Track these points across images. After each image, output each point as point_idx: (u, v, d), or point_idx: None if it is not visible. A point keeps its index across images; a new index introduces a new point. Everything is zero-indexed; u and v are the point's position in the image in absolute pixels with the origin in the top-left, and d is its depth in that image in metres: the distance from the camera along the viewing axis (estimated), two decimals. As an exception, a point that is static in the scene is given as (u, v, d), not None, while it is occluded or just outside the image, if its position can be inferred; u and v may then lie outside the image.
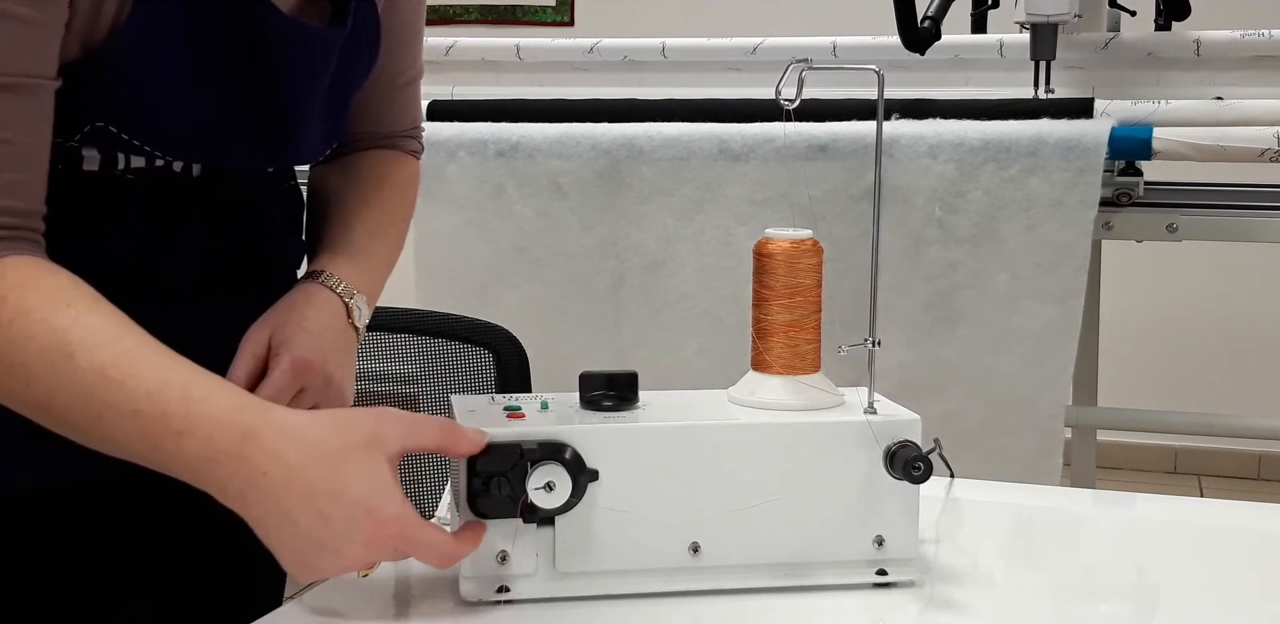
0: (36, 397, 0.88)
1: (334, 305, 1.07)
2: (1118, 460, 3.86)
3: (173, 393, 0.87)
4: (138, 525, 1.08)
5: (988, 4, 2.57)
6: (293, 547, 0.86)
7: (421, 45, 1.22)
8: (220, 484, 0.86)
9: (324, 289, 1.08)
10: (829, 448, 0.99)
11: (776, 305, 1.01)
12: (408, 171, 1.24)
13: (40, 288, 0.89)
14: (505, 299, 2.34)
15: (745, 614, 0.97)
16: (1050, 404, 2.16)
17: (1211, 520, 1.23)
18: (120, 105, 0.95)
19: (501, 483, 0.92)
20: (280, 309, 1.06)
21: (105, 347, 0.87)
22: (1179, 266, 3.71)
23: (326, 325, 1.06)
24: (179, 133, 0.99)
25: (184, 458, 0.86)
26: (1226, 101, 2.20)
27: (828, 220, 2.16)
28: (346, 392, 1.07)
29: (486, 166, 2.32)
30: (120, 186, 1.00)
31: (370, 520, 0.85)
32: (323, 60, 1.06)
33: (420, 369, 1.58)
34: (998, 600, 1.01)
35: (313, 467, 0.85)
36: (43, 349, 0.86)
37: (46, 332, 0.87)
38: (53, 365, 0.86)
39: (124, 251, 1.01)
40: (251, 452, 0.85)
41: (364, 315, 1.10)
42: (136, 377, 0.87)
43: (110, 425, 0.87)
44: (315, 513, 0.85)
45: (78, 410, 0.87)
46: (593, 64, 2.68)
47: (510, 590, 0.95)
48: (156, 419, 0.86)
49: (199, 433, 0.86)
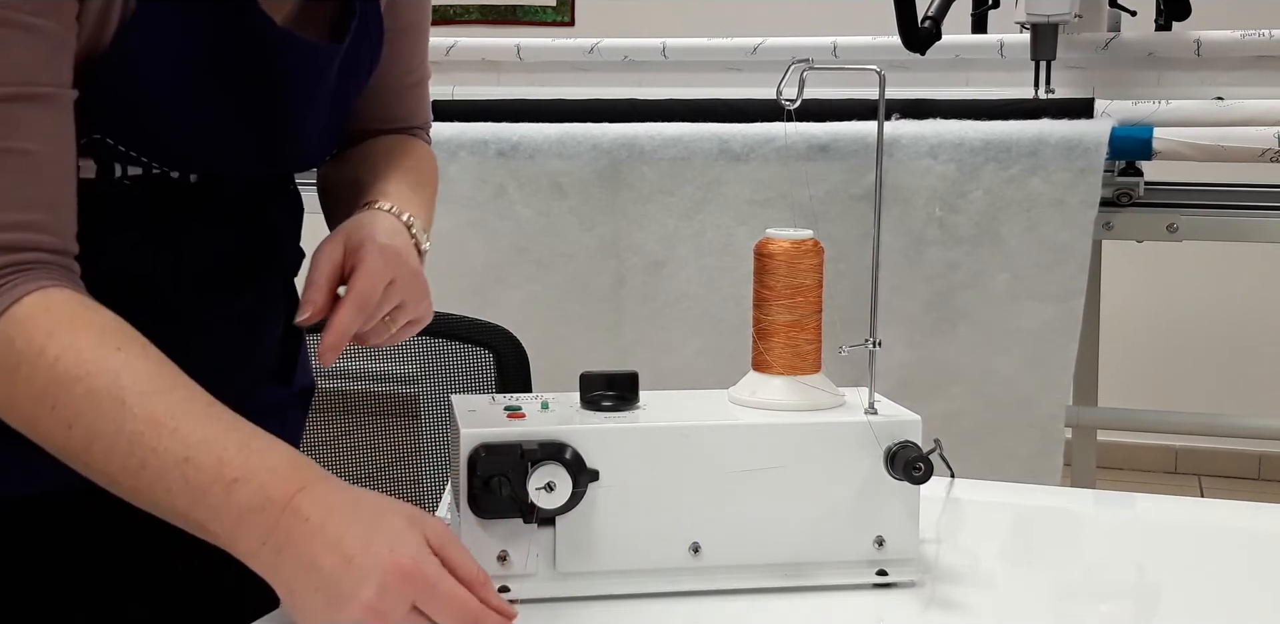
0: (78, 439, 0.85)
1: (396, 224, 1.05)
2: (1118, 460, 3.86)
3: (231, 442, 0.84)
4: (136, 527, 1.08)
5: (988, 4, 2.57)
6: (313, 600, 0.82)
7: (427, 45, 1.22)
8: (261, 536, 0.83)
9: (383, 212, 1.05)
10: (829, 448, 0.99)
11: (777, 306, 1.01)
12: (424, 149, 1.23)
13: (90, 328, 0.86)
14: (505, 299, 2.34)
15: (745, 614, 0.97)
16: (1050, 404, 2.16)
17: (1211, 520, 1.23)
18: (117, 117, 0.94)
19: (502, 483, 0.92)
20: (344, 227, 1.03)
21: (159, 394, 0.85)
22: (1179, 266, 3.71)
23: (395, 233, 1.03)
24: (177, 144, 0.98)
25: (230, 507, 0.83)
26: (1227, 102, 2.20)
27: (828, 220, 2.16)
28: (429, 296, 1.04)
29: (487, 166, 2.32)
30: (117, 194, 0.99)
31: (391, 558, 0.81)
32: (322, 72, 1.05)
33: (420, 369, 1.58)
34: (998, 600, 1.01)
35: (352, 518, 0.83)
36: (91, 391, 0.84)
37: (98, 373, 0.84)
38: (101, 409, 0.84)
39: (122, 257, 1.00)
40: (302, 502, 0.83)
41: (425, 241, 1.08)
42: (190, 425, 0.84)
43: (152, 474, 0.84)
44: (340, 556, 0.81)
45: (120, 458, 0.84)
46: (593, 64, 2.68)
47: (510, 590, 0.95)
48: (209, 467, 0.83)
49: (254, 481, 0.83)
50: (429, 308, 1.04)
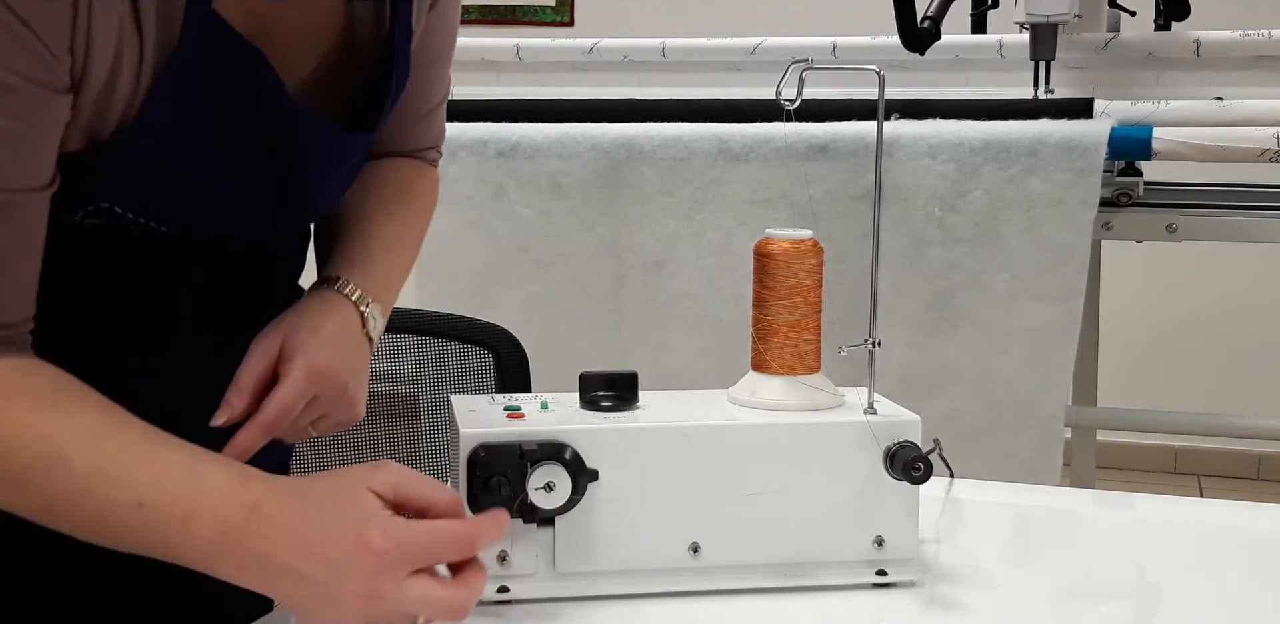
0: (37, 505, 0.85)
1: (348, 313, 1.04)
2: (1117, 460, 3.86)
3: (177, 477, 0.83)
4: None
5: (987, 4, 2.57)
6: (314, 607, 0.82)
7: (449, 72, 1.19)
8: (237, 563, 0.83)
9: (338, 296, 1.04)
10: (829, 448, 0.99)
11: (777, 306, 1.01)
12: (428, 181, 1.22)
13: (21, 394, 0.85)
14: (505, 299, 2.34)
15: (745, 614, 0.97)
16: (1050, 404, 2.16)
17: (1211, 520, 1.23)
18: (127, 190, 0.93)
19: (501, 483, 0.92)
20: (292, 314, 1.02)
21: (99, 444, 0.84)
22: (1179, 267, 3.71)
23: (340, 332, 1.02)
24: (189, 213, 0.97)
25: (195, 542, 0.83)
26: (1226, 102, 2.20)
27: (828, 220, 2.16)
28: (359, 403, 1.03)
29: (486, 167, 2.32)
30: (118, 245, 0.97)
31: (359, 543, 0.81)
32: (347, 152, 1.04)
33: (420, 369, 1.58)
34: (998, 600, 1.01)
35: (307, 518, 0.83)
36: (34, 458, 0.83)
37: (36, 440, 0.83)
38: (47, 473, 0.83)
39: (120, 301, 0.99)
40: (257, 524, 0.82)
41: (378, 325, 1.06)
42: (136, 469, 0.83)
43: (116, 523, 0.83)
44: (316, 559, 0.81)
45: (80, 512, 0.84)
46: (592, 64, 2.68)
47: (510, 590, 0.95)
48: (163, 507, 0.83)
49: (207, 515, 0.82)
50: (357, 413, 1.03)
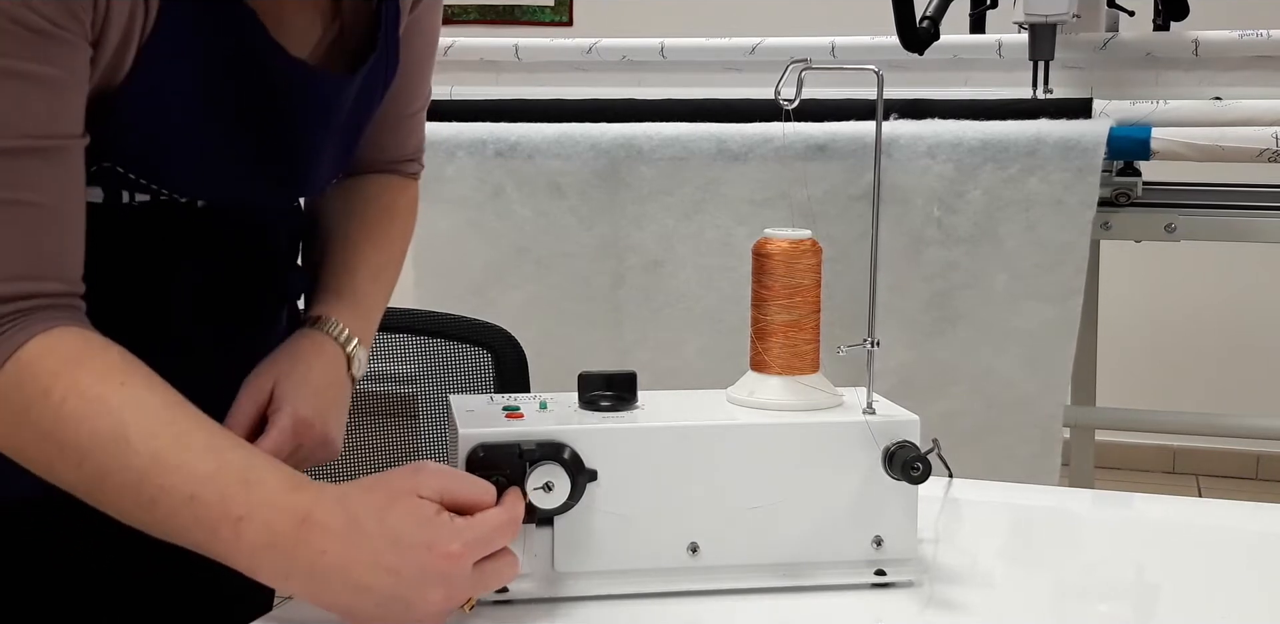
0: (89, 478, 0.86)
1: (337, 357, 1.07)
2: (1116, 460, 3.86)
3: (232, 475, 0.85)
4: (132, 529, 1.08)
5: (986, 4, 2.57)
6: (381, 614, 0.84)
7: (431, 76, 1.21)
8: (283, 569, 0.84)
9: (329, 339, 1.07)
10: (828, 448, 0.99)
11: (775, 305, 1.01)
12: (409, 198, 1.24)
13: (93, 365, 0.86)
14: (505, 299, 2.34)
15: (744, 614, 0.97)
16: (1049, 404, 2.16)
17: (1210, 520, 1.23)
18: (129, 148, 0.94)
19: (500, 483, 0.92)
20: (284, 358, 1.05)
21: (162, 429, 0.85)
22: (1178, 267, 3.71)
23: (329, 381, 1.06)
24: (189, 173, 0.98)
25: (243, 544, 0.84)
26: (1225, 102, 2.20)
27: (827, 220, 2.16)
28: (336, 445, 1.06)
29: (486, 166, 2.32)
30: (124, 219, 0.98)
31: (435, 556, 0.83)
32: (335, 102, 1.05)
33: (419, 369, 1.58)
34: (997, 600, 1.01)
35: (363, 530, 0.84)
36: (96, 431, 0.84)
37: (103, 412, 0.84)
38: (106, 448, 0.84)
39: (124, 282, 1.00)
40: (310, 534, 0.83)
41: (361, 367, 1.10)
42: (194, 460, 0.84)
43: (164, 511, 0.85)
44: (384, 571, 0.83)
45: (131, 495, 0.85)
46: (591, 64, 2.68)
47: (509, 590, 0.95)
48: (215, 504, 0.84)
49: (258, 518, 0.83)
50: (332, 454, 1.07)
